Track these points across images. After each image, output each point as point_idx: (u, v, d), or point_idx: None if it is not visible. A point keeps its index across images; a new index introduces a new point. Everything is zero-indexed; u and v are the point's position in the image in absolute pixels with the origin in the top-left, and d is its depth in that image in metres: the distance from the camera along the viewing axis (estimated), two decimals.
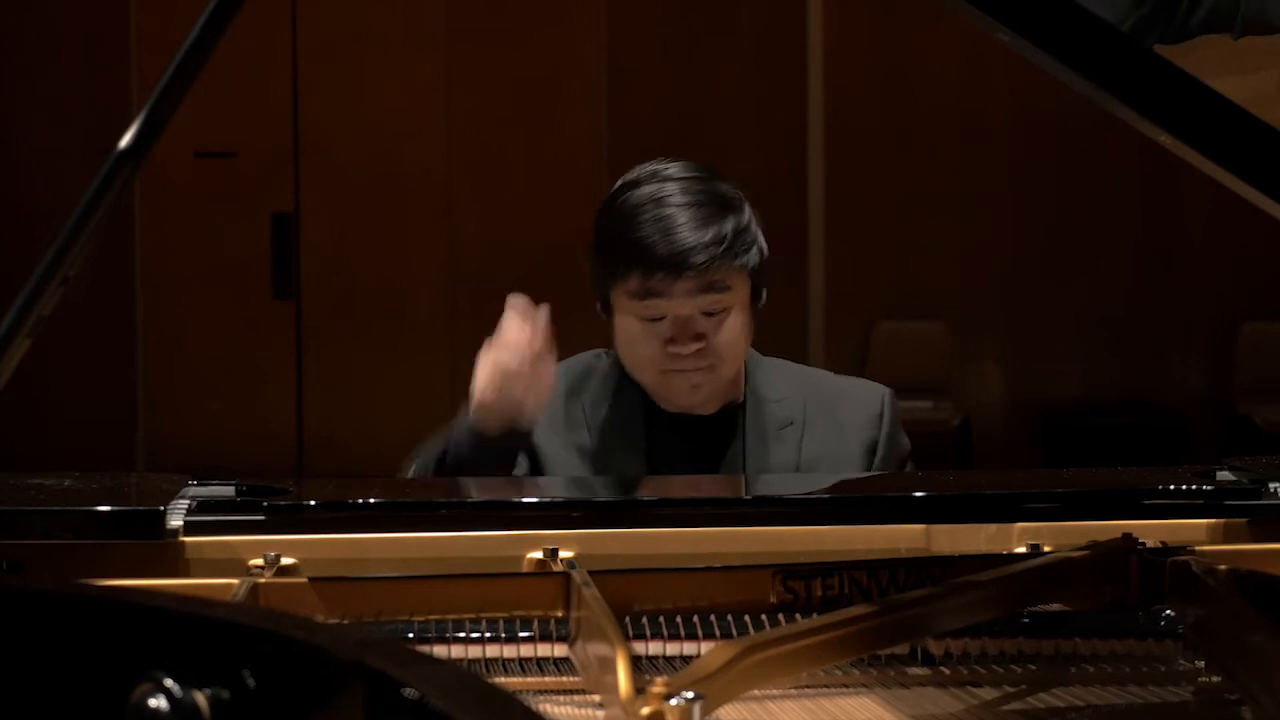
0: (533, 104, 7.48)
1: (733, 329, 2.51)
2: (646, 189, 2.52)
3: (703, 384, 2.52)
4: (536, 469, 2.55)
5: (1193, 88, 1.75)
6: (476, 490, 2.37)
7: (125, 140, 1.78)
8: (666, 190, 2.50)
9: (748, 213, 2.54)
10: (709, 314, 2.49)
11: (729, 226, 2.48)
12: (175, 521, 1.97)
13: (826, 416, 2.59)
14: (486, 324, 2.50)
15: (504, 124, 7.48)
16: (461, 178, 7.50)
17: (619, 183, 2.58)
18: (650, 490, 2.42)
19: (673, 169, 2.55)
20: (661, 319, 2.49)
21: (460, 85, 7.47)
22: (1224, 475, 2.19)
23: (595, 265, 2.59)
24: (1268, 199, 1.75)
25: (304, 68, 7.42)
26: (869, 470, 2.58)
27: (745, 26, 7.55)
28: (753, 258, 2.51)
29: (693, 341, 2.48)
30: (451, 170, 7.49)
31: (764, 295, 2.56)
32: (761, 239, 2.54)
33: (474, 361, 2.48)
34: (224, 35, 1.79)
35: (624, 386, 2.58)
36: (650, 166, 2.57)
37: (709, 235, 2.46)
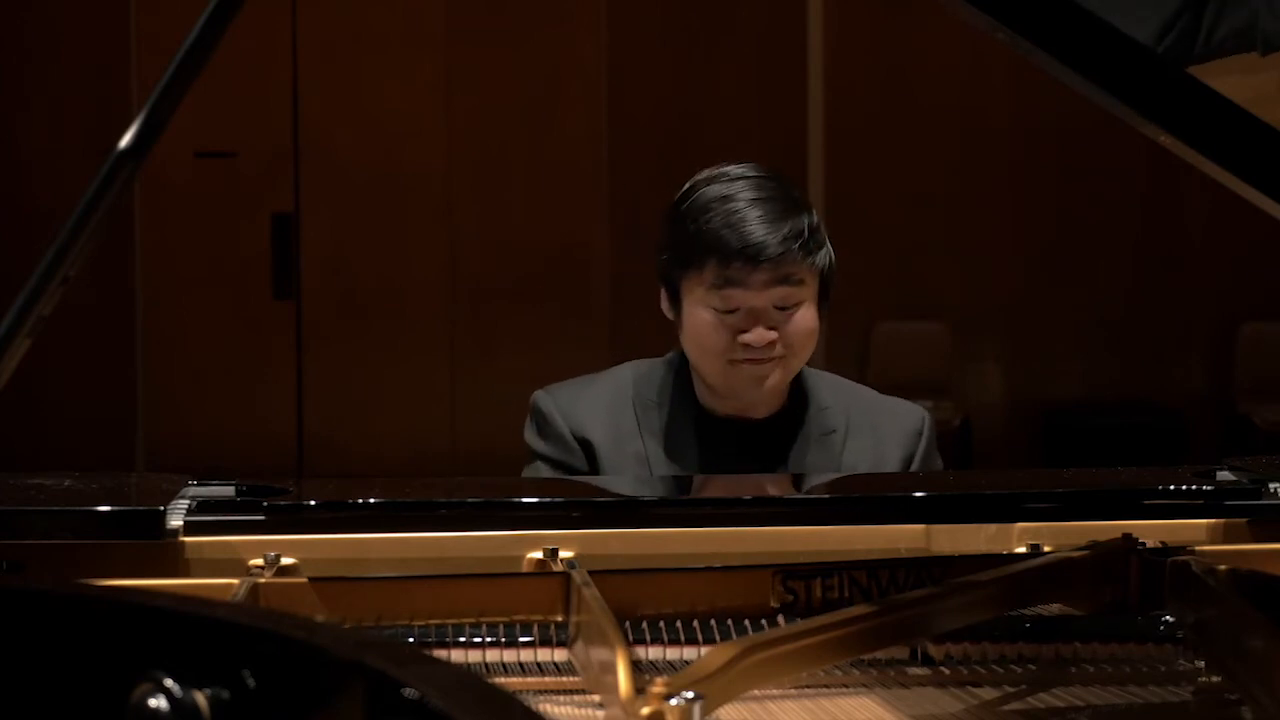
0: (533, 104, 7.48)
1: (804, 323, 2.53)
2: (717, 187, 2.54)
3: (769, 376, 2.53)
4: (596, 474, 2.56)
5: (1193, 88, 1.75)
6: (476, 490, 2.37)
7: (125, 140, 1.78)
8: (737, 188, 2.53)
9: (816, 216, 2.57)
10: (781, 308, 2.51)
11: (803, 223, 2.51)
12: (175, 521, 1.97)
13: (868, 428, 2.62)
14: (486, 324, 2.51)
15: (504, 124, 7.48)
16: (461, 178, 7.50)
17: (689, 183, 2.60)
18: (650, 490, 2.43)
19: (743, 168, 2.58)
20: (735, 310, 2.50)
21: (460, 85, 7.47)
22: (1224, 475, 2.19)
23: (666, 258, 2.58)
24: (1268, 199, 1.75)
25: (304, 68, 7.42)
26: None
27: (745, 26, 7.55)
28: (825, 258, 2.54)
29: (765, 333, 2.50)
30: (451, 170, 7.49)
31: (829, 299, 2.58)
32: (827, 237, 2.57)
33: (473, 361, 2.49)
34: (224, 35, 1.79)
35: (678, 393, 2.59)
36: (718, 169, 2.59)
37: (785, 229, 2.49)
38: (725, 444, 2.56)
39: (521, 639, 1.82)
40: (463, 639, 1.82)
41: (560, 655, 1.82)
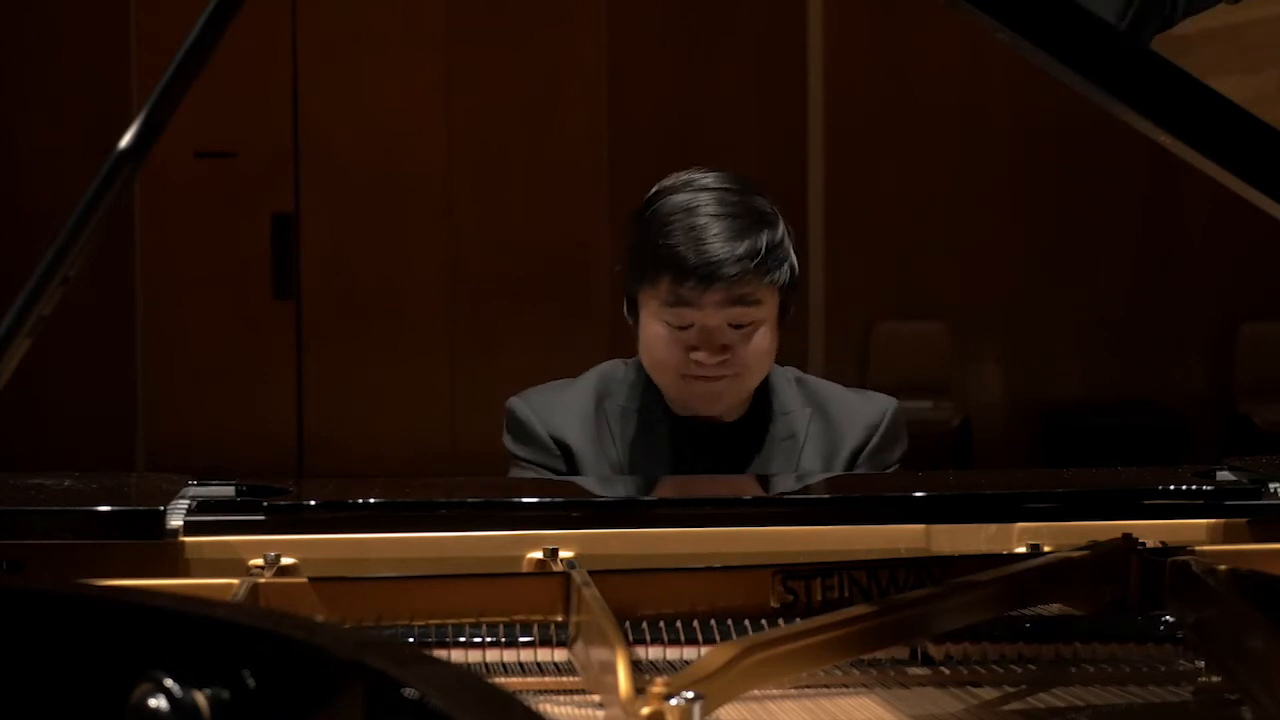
0: (533, 104, 7.48)
1: (759, 343, 2.51)
2: (681, 197, 2.52)
3: (724, 391, 2.53)
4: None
5: (1193, 88, 1.75)
6: (476, 490, 2.37)
7: (125, 140, 1.78)
8: (701, 200, 2.50)
9: (781, 228, 2.53)
10: (736, 326, 2.49)
11: (763, 241, 2.48)
12: (175, 521, 1.97)
13: (826, 429, 2.61)
14: (486, 324, 2.51)
15: (504, 124, 7.48)
16: (461, 178, 7.50)
17: (654, 189, 2.58)
18: (650, 490, 2.43)
19: (709, 179, 2.54)
20: (689, 327, 2.49)
21: (460, 85, 7.47)
22: (1224, 475, 2.19)
23: (627, 267, 2.57)
24: (1268, 199, 1.75)
25: (304, 68, 7.42)
26: (848, 470, 2.59)
27: (745, 26, 7.55)
28: (784, 274, 2.51)
29: (718, 353, 2.49)
30: (451, 170, 7.49)
31: (790, 311, 2.57)
32: (793, 256, 2.54)
33: (473, 361, 2.50)
34: (224, 35, 1.79)
35: (646, 397, 2.59)
36: (686, 175, 2.57)
37: (742, 248, 2.46)
38: (696, 448, 2.55)
39: (521, 639, 1.82)
40: (463, 639, 1.82)
41: (560, 655, 1.82)
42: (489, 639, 1.82)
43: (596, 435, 2.58)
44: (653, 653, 1.82)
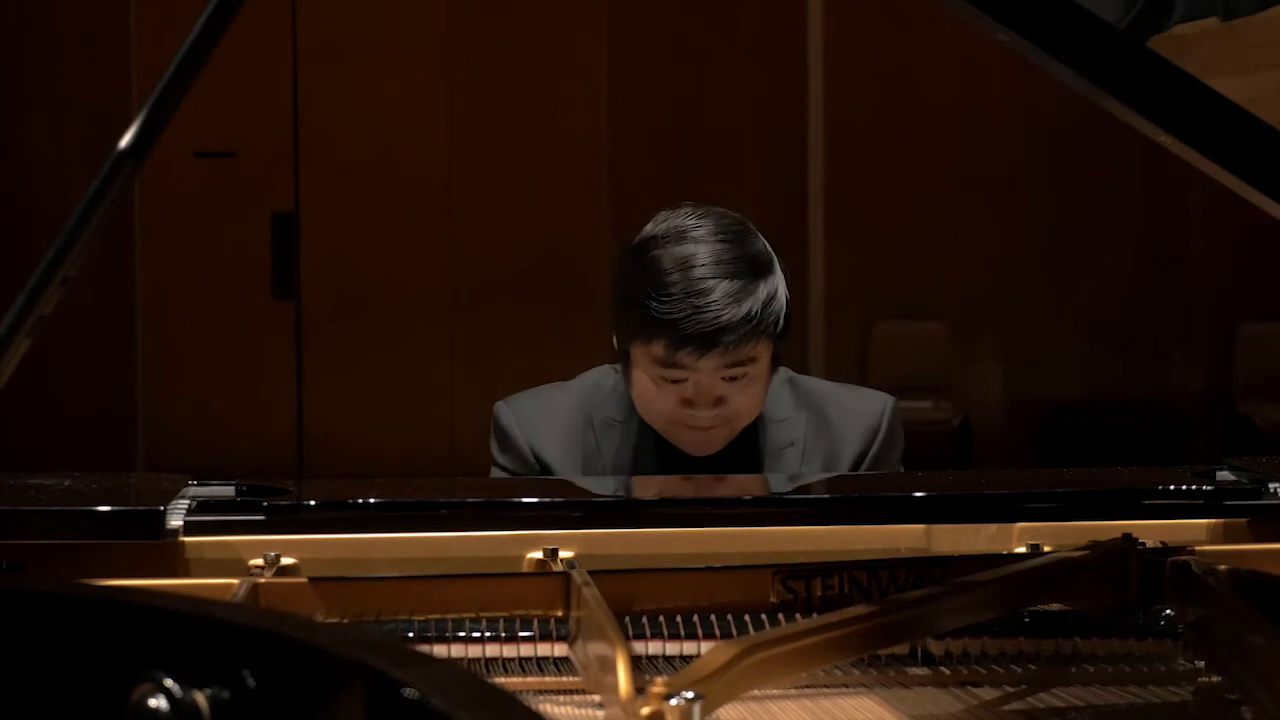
0: (533, 104, 7.48)
1: (753, 392, 2.48)
2: (677, 251, 2.43)
3: (716, 438, 2.50)
4: None
5: (1193, 88, 1.75)
6: (476, 490, 2.37)
7: (125, 140, 1.78)
8: (699, 257, 2.42)
9: (777, 273, 2.47)
10: (731, 379, 2.45)
11: (761, 298, 2.41)
12: (175, 521, 1.97)
13: (824, 433, 2.58)
14: (486, 324, 2.51)
15: (504, 124, 7.48)
16: (461, 178, 7.50)
17: (647, 233, 2.49)
18: (650, 490, 2.42)
19: (704, 227, 2.46)
20: (682, 381, 2.45)
21: (460, 85, 7.47)
22: (1224, 475, 2.19)
23: (617, 317, 2.50)
24: (1268, 199, 1.75)
25: (304, 68, 7.42)
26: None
27: (745, 26, 7.55)
28: (780, 323, 2.46)
29: (712, 405, 2.46)
30: (451, 170, 7.49)
31: (784, 351, 2.53)
32: (786, 293, 2.48)
33: (473, 361, 2.49)
34: (224, 35, 1.79)
35: (634, 410, 2.56)
36: (679, 220, 2.48)
37: (740, 312, 2.39)
38: (683, 463, 2.53)
39: (521, 634, 1.82)
40: (462, 634, 1.82)
41: (560, 650, 1.82)
42: (488, 634, 1.82)
43: (580, 450, 2.56)
44: (653, 647, 1.82)
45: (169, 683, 1.23)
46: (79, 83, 7.29)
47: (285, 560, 1.94)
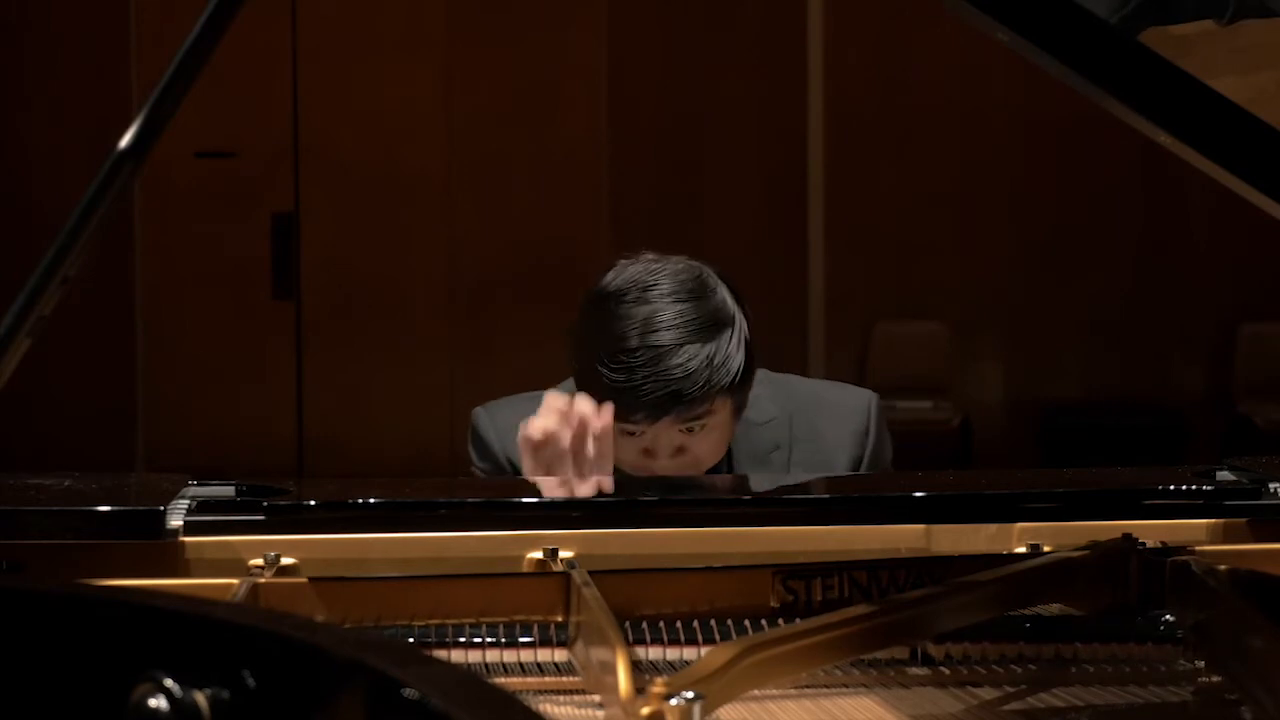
0: (533, 104, 7.48)
1: (713, 440, 2.47)
2: (634, 311, 2.41)
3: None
4: None
5: (1193, 88, 1.75)
6: (476, 490, 2.37)
7: (125, 140, 1.78)
8: (655, 322, 2.40)
9: (737, 323, 2.45)
10: (690, 431, 2.44)
11: (718, 356, 2.39)
12: (175, 521, 1.96)
13: (811, 435, 2.57)
14: (486, 324, 2.50)
15: (504, 124, 7.48)
16: (461, 178, 7.50)
17: (604, 287, 2.47)
18: (650, 490, 2.42)
19: (662, 286, 2.43)
20: (641, 434, 2.45)
21: (460, 85, 7.47)
22: (1224, 475, 2.19)
23: (575, 364, 2.49)
24: (1268, 199, 1.75)
25: (304, 68, 7.42)
26: None
27: (745, 26, 7.55)
28: (738, 375, 2.43)
29: (673, 455, 2.46)
30: (451, 170, 7.49)
31: (748, 395, 2.50)
32: (744, 338, 2.45)
33: (473, 361, 2.48)
34: (224, 35, 1.79)
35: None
36: (639, 276, 2.45)
37: (695, 379, 2.37)
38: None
39: (522, 639, 1.82)
40: (463, 639, 1.82)
41: (560, 655, 1.82)
42: (489, 639, 1.82)
43: None
44: (653, 653, 1.82)
45: (169, 683, 1.23)
46: (79, 83, 7.29)
47: (285, 560, 1.94)
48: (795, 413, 2.58)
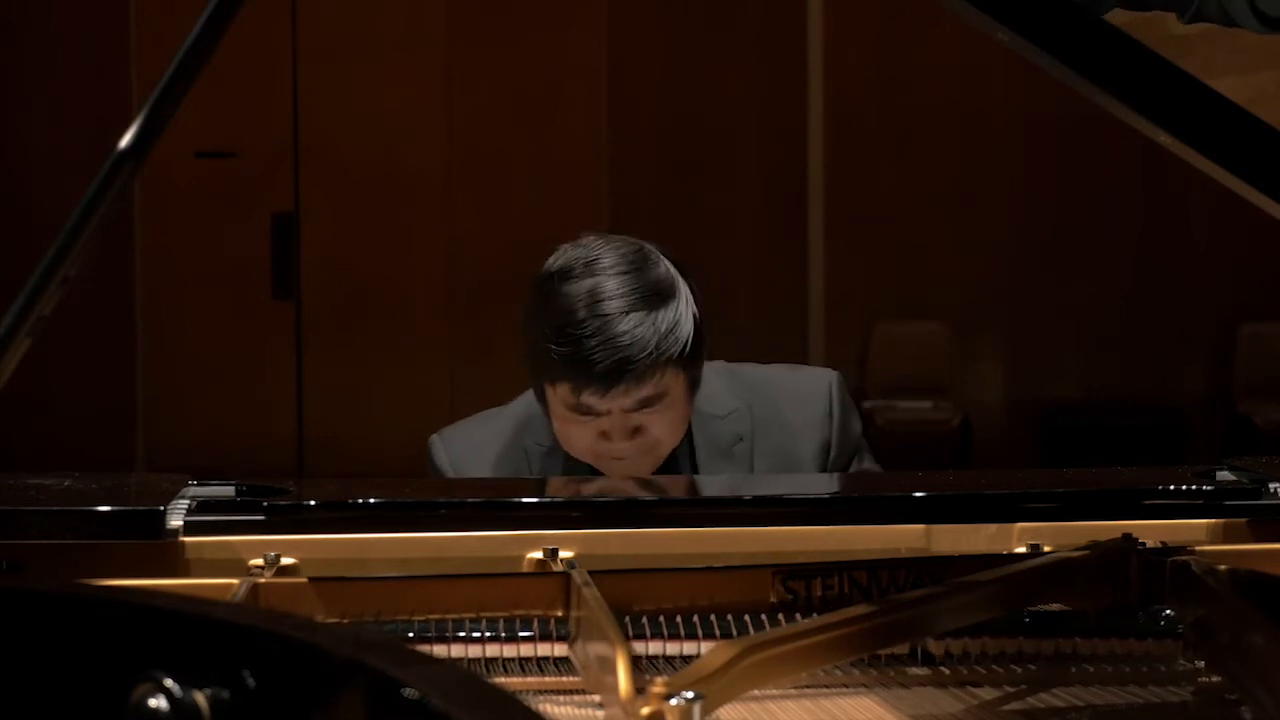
0: (533, 104, 7.48)
1: (670, 419, 2.47)
2: (578, 285, 2.44)
3: (642, 466, 2.49)
4: None
5: (1193, 88, 1.75)
6: (476, 490, 2.37)
7: (125, 140, 1.78)
8: (600, 292, 2.42)
9: (680, 295, 2.46)
10: (644, 412, 2.45)
11: (663, 325, 2.41)
12: (175, 521, 1.97)
13: (774, 423, 2.56)
14: (486, 324, 2.50)
15: (504, 124, 7.48)
16: (461, 178, 7.50)
17: (548, 269, 2.50)
18: (650, 490, 2.42)
19: (604, 260, 2.45)
20: (596, 417, 2.45)
21: (460, 85, 7.47)
22: (1224, 475, 2.19)
23: (526, 357, 2.52)
24: (1268, 199, 1.75)
25: (304, 68, 7.42)
26: (824, 466, 2.58)
27: (745, 26, 7.55)
28: (687, 348, 2.44)
29: (629, 436, 2.46)
30: (451, 170, 7.49)
31: (700, 372, 2.50)
32: (693, 317, 2.46)
33: (473, 361, 2.49)
34: (224, 35, 1.79)
35: None
36: (582, 254, 2.48)
37: (641, 344, 2.39)
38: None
39: (521, 634, 1.82)
40: (462, 634, 1.82)
41: (560, 650, 1.82)
42: (488, 634, 1.82)
43: (510, 473, 2.56)
44: (653, 648, 1.82)
45: (169, 683, 1.23)
46: (79, 83, 7.29)
47: (285, 560, 1.94)
48: (755, 403, 2.57)
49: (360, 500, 2.07)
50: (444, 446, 2.60)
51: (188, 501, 2.01)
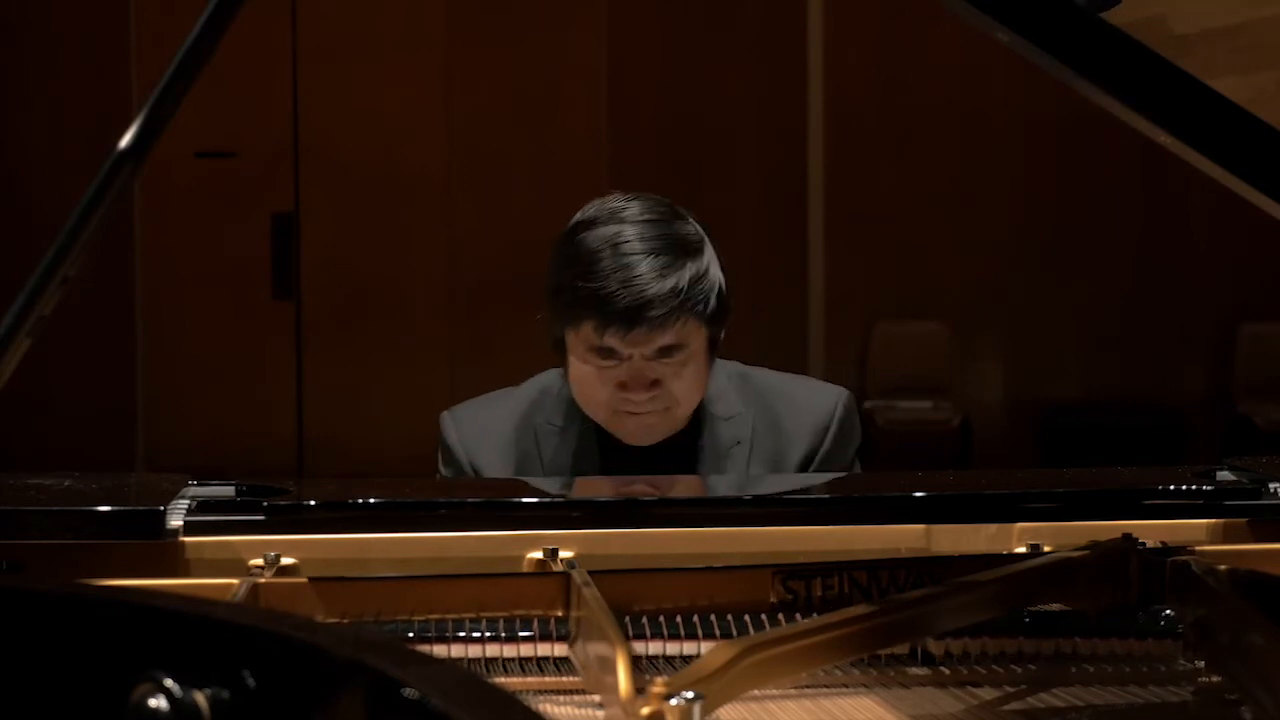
0: (533, 104, 7.48)
1: (689, 376, 2.47)
2: (604, 231, 2.46)
3: (656, 425, 2.50)
4: None
5: (1193, 88, 1.75)
6: (476, 490, 2.37)
7: (125, 140, 1.78)
8: (625, 235, 2.45)
9: (707, 254, 2.48)
10: (664, 362, 2.45)
11: (687, 275, 2.42)
12: (175, 521, 1.97)
13: (772, 430, 2.56)
14: (486, 324, 2.51)
15: (504, 124, 7.48)
16: (461, 178, 7.50)
17: (575, 220, 2.53)
18: (650, 490, 2.42)
19: (631, 209, 2.49)
20: (616, 365, 2.46)
21: (460, 85, 7.47)
22: (1224, 475, 2.19)
23: (550, 304, 2.52)
24: (1268, 199, 1.75)
25: (304, 68, 7.42)
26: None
27: (745, 26, 7.55)
28: (710, 304, 2.46)
29: (648, 389, 2.46)
30: (451, 170, 7.49)
31: (722, 336, 2.52)
32: (719, 278, 2.48)
33: (473, 361, 2.49)
34: (224, 35, 1.79)
35: (579, 412, 2.55)
36: (609, 204, 2.51)
37: (665, 287, 2.40)
38: (628, 467, 2.52)
39: (521, 633, 1.83)
40: (462, 634, 1.82)
41: (560, 650, 1.82)
42: (488, 634, 1.82)
43: (520, 460, 2.56)
44: (653, 648, 1.82)
45: (169, 683, 1.23)
46: (79, 83, 7.29)
47: (285, 560, 1.94)
48: (759, 409, 2.57)
49: (360, 500, 2.07)
50: (454, 423, 2.60)
51: (188, 501, 2.01)
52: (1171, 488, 2.13)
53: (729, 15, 7.53)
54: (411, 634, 1.82)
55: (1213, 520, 2.08)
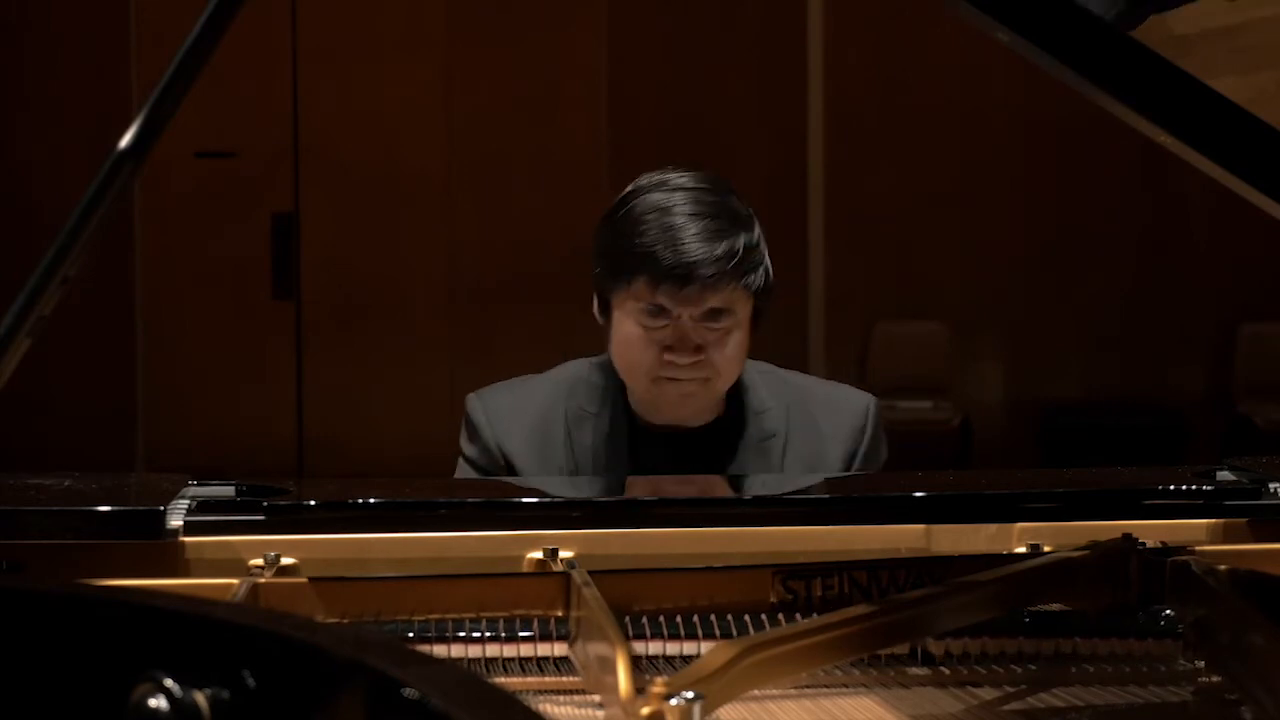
0: (533, 104, 7.48)
1: (732, 347, 2.49)
2: (657, 196, 2.49)
3: (696, 394, 2.50)
4: None
5: (1193, 88, 1.75)
6: (476, 490, 2.37)
7: (125, 140, 1.78)
8: (677, 200, 2.47)
9: (757, 232, 2.51)
10: (711, 328, 2.47)
11: (740, 243, 2.45)
12: (175, 521, 1.97)
13: (808, 428, 2.57)
14: (486, 324, 2.51)
15: (504, 124, 7.48)
16: (461, 178, 7.50)
17: (629, 188, 2.55)
18: (650, 490, 2.42)
19: (685, 179, 2.52)
20: (663, 326, 2.47)
21: (460, 85, 7.47)
22: (1224, 475, 2.19)
23: (599, 267, 2.55)
24: (1268, 199, 1.75)
25: (304, 68, 7.42)
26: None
27: (745, 26, 7.55)
28: (759, 278, 2.49)
29: (691, 354, 2.46)
30: (451, 170, 7.49)
31: (764, 317, 2.54)
32: (768, 261, 2.52)
33: (473, 361, 2.49)
34: (224, 35, 1.79)
35: (612, 401, 2.56)
36: (660, 175, 2.54)
37: (720, 249, 2.43)
38: (659, 456, 2.53)
39: (521, 633, 1.82)
40: (461, 634, 1.82)
41: (560, 650, 1.82)
42: (488, 634, 1.82)
43: (547, 445, 2.56)
44: (653, 648, 1.82)
45: (169, 683, 1.23)
46: (79, 83, 7.29)
47: (285, 560, 1.94)
48: (793, 404, 2.59)
49: (360, 500, 2.07)
50: (481, 405, 2.61)
51: (188, 501, 2.01)
52: (1171, 488, 2.13)
53: (729, 15, 7.53)
54: (411, 634, 1.82)
55: (1213, 520, 2.08)
